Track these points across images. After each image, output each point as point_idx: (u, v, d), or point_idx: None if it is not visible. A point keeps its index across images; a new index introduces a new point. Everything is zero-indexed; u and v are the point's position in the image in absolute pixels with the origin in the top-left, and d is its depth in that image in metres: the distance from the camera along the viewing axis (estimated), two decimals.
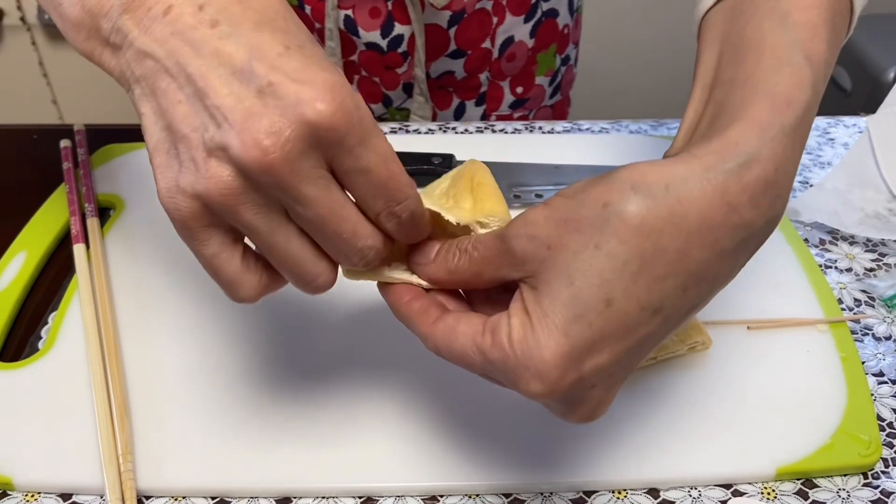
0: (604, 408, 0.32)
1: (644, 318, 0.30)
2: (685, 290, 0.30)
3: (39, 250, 0.56)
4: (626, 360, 0.31)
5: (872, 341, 0.50)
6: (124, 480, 0.41)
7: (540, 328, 0.30)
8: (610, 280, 0.29)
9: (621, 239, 0.29)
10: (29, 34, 1.43)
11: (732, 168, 0.29)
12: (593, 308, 0.29)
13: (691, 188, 0.29)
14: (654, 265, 0.29)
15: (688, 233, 0.29)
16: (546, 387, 0.30)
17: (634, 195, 0.29)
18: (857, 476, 0.43)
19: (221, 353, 0.48)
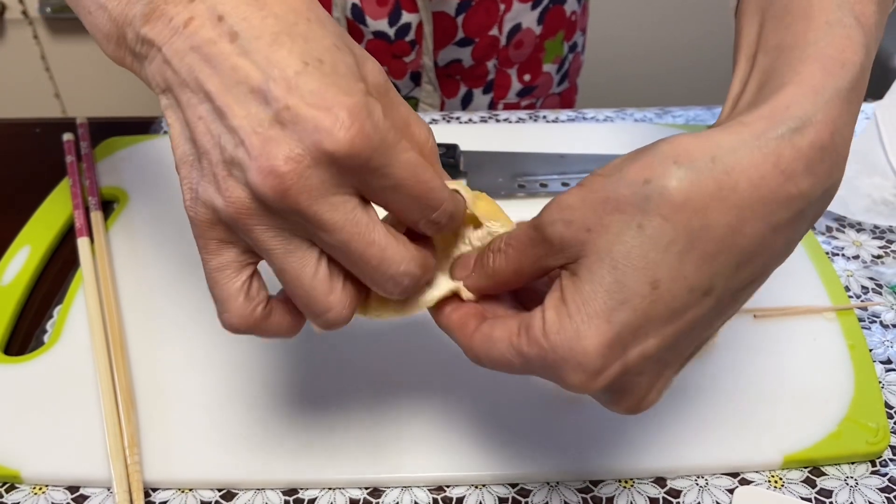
0: (654, 396, 0.31)
1: (693, 300, 0.28)
2: (738, 267, 0.28)
3: (43, 244, 0.56)
4: (676, 345, 0.29)
5: (880, 329, 0.50)
6: (131, 473, 0.41)
7: (579, 316, 0.28)
8: (655, 261, 0.27)
9: (665, 217, 0.27)
10: (31, 28, 1.42)
11: (784, 133, 0.27)
12: (638, 292, 0.27)
13: (740, 158, 0.27)
14: (703, 243, 0.27)
15: (738, 206, 0.27)
16: (588, 378, 0.28)
17: (678, 169, 0.27)
18: (865, 464, 0.42)
19: (227, 345, 0.48)
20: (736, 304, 0.30)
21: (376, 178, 0.29)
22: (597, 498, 0.41)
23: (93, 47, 1.51)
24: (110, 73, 1.46)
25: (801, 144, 0.27)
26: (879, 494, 0.41)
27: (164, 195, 0.59)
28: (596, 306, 0.28)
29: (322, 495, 0.41)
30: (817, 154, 0.27)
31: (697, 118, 0.69)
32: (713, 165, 0.27)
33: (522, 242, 0.31)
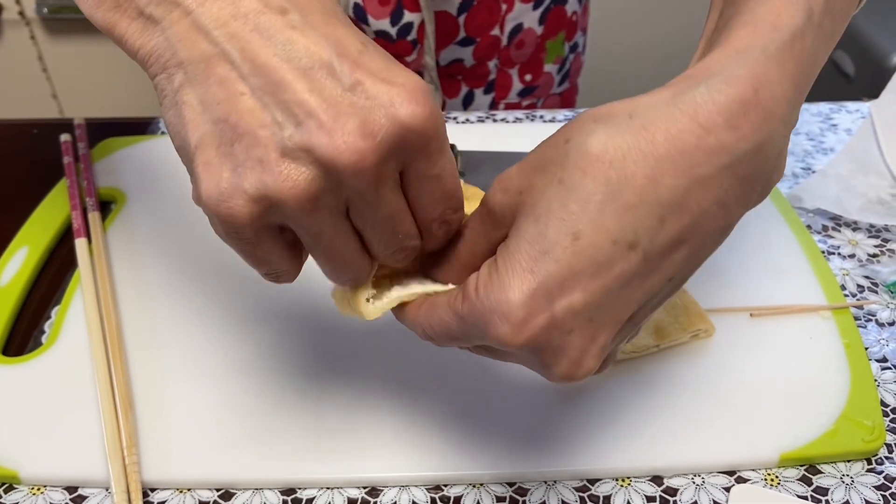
0: (590, 361, 0.30)
1: (618, 253, 0.28)
2: (662, 221, 0.28)
3: (41, 245, 0.56)
4: (607, 304, 0.28)
5: (876, 327, 0.50)
6: (129, 473, 0.41)
7: (504, 269, 0.29)
8: (575, 212, 0.28)
9: (583, 169, 0.28)
10: (28, 28, 1.42)
11: (703, 90, 0.28)
12: (559, 243, 0.28)
13: (659, 113, 0.28)
14: (622, 194, 0.27)
15: (656, 158, 0.27)
16: (514, 328, 0.28)
17: (595, 126, 0.28)
18: (861, 462, 0.43)
19: (224, 345, 0.48)
20: (668, 263, 0.29)
21: (428, 164, 0.29)
22: (594, 496, 0.41)
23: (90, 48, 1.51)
24: (108, 74, 1.46)
25: (720, 99, 0.27)
26: (875, 492, 0.41)
27: (161, 196, 0.59)
28: (519, 258, 0.28)
29: (320, 495, 0.41)
30: (738, 108, 0.27)
31: None
32: (630, 121, 0.28)
33: (473, 222, 0.32)
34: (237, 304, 0.51)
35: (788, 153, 0.65)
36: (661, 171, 0.27)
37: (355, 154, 0.27)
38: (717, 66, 0.28)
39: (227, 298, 0.51)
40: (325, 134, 0.26)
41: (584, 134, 0.28)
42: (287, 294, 0.51)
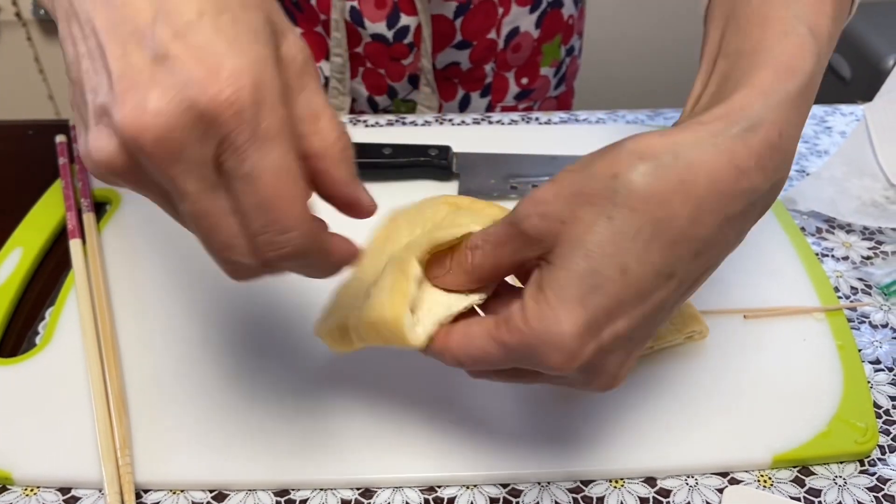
0: (624, 373, 0.33)
1: (659, 284, 0.30)
2: (697, 255, 0.30)
3: (36, 246, 0.56)
4: (644, 325, 0.31)
5: (869, 329, 0.50)
6: (122, 474, 0.41)
7: (556, 302, 0.30)
8: (624, 249, 0.29)
9: (633, 208, 0.29)
10: (24, 30, 1.42)
11: (738, 133, 0.30)
12: (609, 277, 0.29)
13: (699, 154, 0.29)
14: (667, 231, 0.29)
15: (698, 198, 0.29)
16: (567, 358, 0.30)
17: (643, 164, 0.29)
18: (854, 463, 0.43)
19: (218, 347, 0.48)
20: (694, 287, 0.32)
21: (234, 158, 0.27)
22: (587, 498, 0.41)
23: None
24: None
25: (753, 143, 0.30)
26: (868, 494, 0.41)
27: None
28: (572, 292, 0.30)
29: (313, 496, 0.41)
30: (767, 152, 0.30)
31: None
32: (675, 161, 0.29)
33: (500, 237, 0.33)
34: (231, 306, 0.51)
35: None
36: (701, 211, 0.29)
37: (138, 128, 0.26)
38: (749, 108, 0.30)
39: (221, 300, 0.51)
40: (117, 103, 0.26)
41: (631, 172, 0.29)
42: (281, 296, 0.51)
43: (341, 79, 0.75)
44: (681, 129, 0.30)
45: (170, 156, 0.26)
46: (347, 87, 0.76)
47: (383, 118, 0.70)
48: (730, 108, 0.30)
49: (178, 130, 0.26)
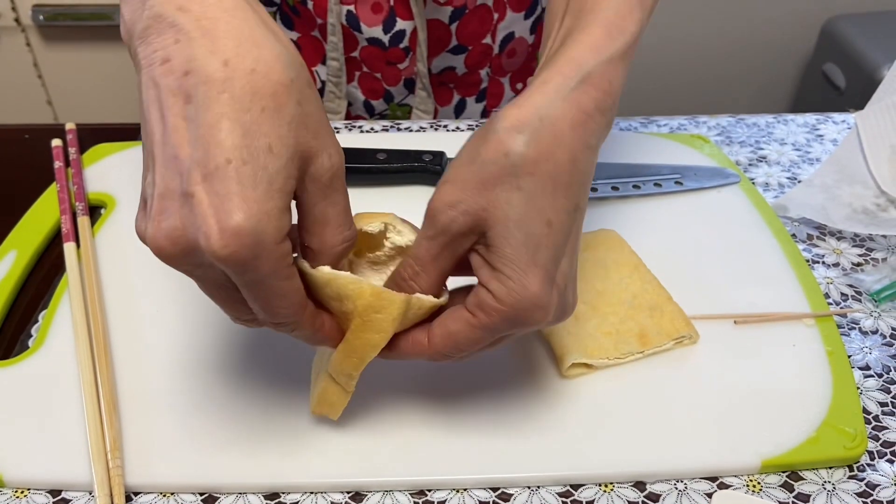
0: (573, 297, 0.38)
1: (572, 219, 0.36)
2: (582, 185, 0.37)
3: (30, 249, 0.56)
4: (574, 255, 0.37)
5: (859, 335, 0.51)
6: (112, 476, 0.41)
7: (516, 272, 0.35)
8: (541, 207, 0.35)
9: (531, 172, 0.35)
10: (23, 35, 1.43)
11: (576, 85, 0.36)
12: (542, 234, 0.35)
13: (555, 110, 0.35)
14: (561, 178, 0.35)
15: (569, 144, 0.35)
16: (545, 311, 0.35)
17: (521, 136, 0.35)
18: (843, 468, 0.43)
19: (209, 351, 0.48)
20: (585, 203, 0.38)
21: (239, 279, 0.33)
22: (577, 501, 0.41)
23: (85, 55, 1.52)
24: (102, 81, 1.47)
25: (590, 90, 0.36)
26: (857, 499, 0.41)
27: None
28: (524, 259, 0.35)
29: (304, 499, 0.41)
30: (601, 96, 0.36)
31: (681, 128, 0.70)
32: (542, 123, 0.35)
33: (433, 251, 0.37)
34: (221, 311, 0.51)
35: (775, 163, 0.66)
36: (574, 153, 0.35)
37: (157, 248, 0.32)
38: (582, 63, 0.37)
39: (212, 304, 0.51)
40: (146, 219, 0.32)
41: (517, 145, 0.35)
42: None
43: (337, 83, 0.76)
44: (532, 92, 0.36)
45: (177, 265, 0.33)
46: (343, 91, 0.76)
47: (378, 124, 0.70)
48: (566, 63, 0.36)
49: (186, 256, 0.32)
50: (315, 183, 0.34)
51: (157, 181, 0.31)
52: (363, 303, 0.36)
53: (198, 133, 0.31)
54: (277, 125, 0.31)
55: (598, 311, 0.49)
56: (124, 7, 0.34)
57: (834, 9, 1.66)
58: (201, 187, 0.30)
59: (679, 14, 1.61)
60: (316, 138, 0.33)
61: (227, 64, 0.31)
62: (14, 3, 1.38)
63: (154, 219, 0.32)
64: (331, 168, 0.34)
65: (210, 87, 0.31)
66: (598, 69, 0.37)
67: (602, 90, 0.37)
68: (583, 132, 0.36)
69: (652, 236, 0.56)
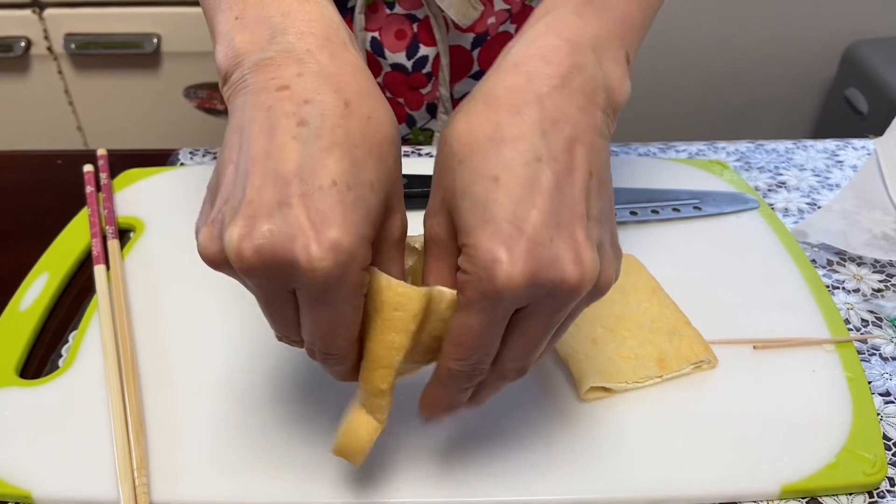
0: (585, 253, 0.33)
1: (533, 170, 0.33)
2: (545, 134, 0.33)
3: (61, 271, 0.57)
4: (557, 206, 0.33)
5: (880, 361, 0.51)
6: (139, 495, 0.42)
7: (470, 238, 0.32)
8: (482, 168, 0.33)
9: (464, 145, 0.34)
10: (55, 63, 1.46)
11: (518, 49, 0.36)
12: (489, 192, 0.32)
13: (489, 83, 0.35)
14: (503, 134, 0.33)
15: (508, 104, 0.34)
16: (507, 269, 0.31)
17: (453, 120, 0.35)
18: (862, 495, 0.43)
19: (236, 370, 0.49)
20: (576, 161, 0.34)
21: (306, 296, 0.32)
22: None
23: (115, 82, 1.55)
24: (131, 108, 1.50)
25: (531, 50, 0.35)
26: None
27: (179, 225, 0.61)
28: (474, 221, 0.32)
29: None
30: (550, 49, 0.35)
31: (700, 153, 0.71)
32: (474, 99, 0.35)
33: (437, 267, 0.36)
34: (248, 331, 0.52)
35: (794, 189, 0.66)
36: (517, 107, 0.34)
37: (236, 255, 0.31)
38: (525, 29, 0.36)
39: (239, 325, 0.52)
40: (233, 221, 0.31)
41: (450, 128, 0.35)
42: None
43: None
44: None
45: (250, 277, 0.32)
46: None
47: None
48: (512, 41, 0.36)
49: (270, 267, 0.31)
50: (385, 241, 0.35)
51: (249, 192, 0.31)
52: (381, 299, 0.34)
53: (307, 153, 0.31)
54: (379, 170, 0.33)
55: (617, 335, 0.49)
56: (237, 34, 0.35)
57: (856, 33, 1.66)
58: (301, 201, 0.31)
59: (699, 38, 1.62)
60: (396, 198, 0.36)
61: (347, 105, 0.33)
62: (47, 31, 1.41)
63: (239, 225, 0.31)
64: (401, 229, 0.36)
65: (327, 118, 0.32)
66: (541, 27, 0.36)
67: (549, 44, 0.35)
68: (520, 85, 0.34)
69: (670, 261, 0.57)
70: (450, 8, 0.67)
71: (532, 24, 0.37)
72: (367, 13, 0.70)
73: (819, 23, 1.66)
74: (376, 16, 0.70)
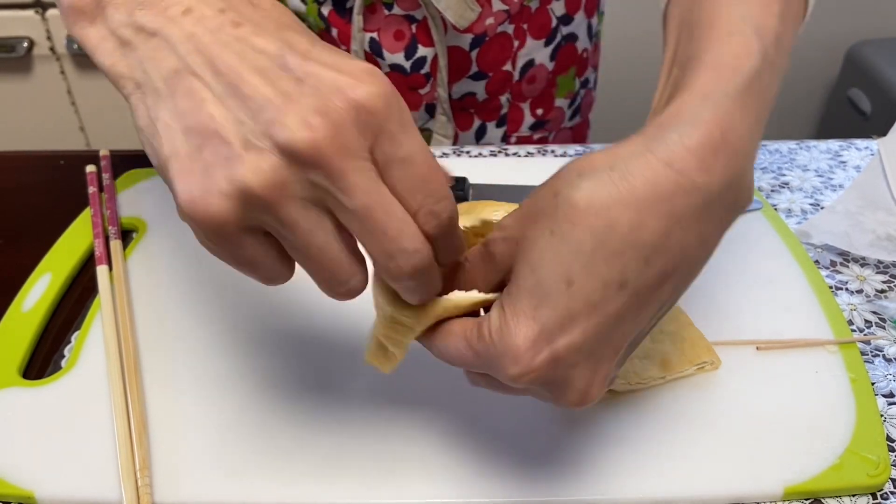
0: (595, 389, 0.33)
1: (610, 294, 0.30)
2: (647, 262, 0.30)
3: (64, 272, 0.57)
4: (605, 338, 0.31)
5: (883, 362, 0.50)
6: (141, 495, 0.42)
7: (511, 315, 0.31)
8: (567, 261, 0.30)
9: (572, 221, 0.30)
10: (58, 63, 1.46)
11: (674, 137, 0.30)
12: (555, 289, 0.30)
13: (636, 162, 0.30)
14: (609, 240, 0.29)
15: (637, 204, 0.29)
16: (522, 368, 0.31)
17: (580, 180, 0.30)
18: (866, 496, 0.43)
19: (237, 372, 0.49)
20: (657, 296, 0.31)
21: (392, 145, 0.29)
22: None
23: None
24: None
25: (690, 143, 0.29)
26: None
27: (181, 225, 0.60)
28: (522, 306, 0.31)
29: None
30: (709, 151, 0.29)
31: None
32: (611, 173, 0.30)
33: (475, 258, 0.35)
34: (251, 331, 0.52)
35: (797, 189, 0.66)
36: (641, 216, 0.29)
37: (309, 133, 0.28)
38: (685, 111, 0.30)
39: (242, 325, 0.52)
40: (279, 119, 0.28)
41: (570, 188, 0.30)
42: (302, 319, 0.52)
43: None
44: (622, 143, 0.31)
45: (342, 152, 0.28)
46: None
47: None
48: (668, 114, 0.31)
49: (344, 128, 0.28)
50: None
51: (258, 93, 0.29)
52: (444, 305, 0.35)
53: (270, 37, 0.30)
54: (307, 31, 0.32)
55: None
56: None
57: (859, 34, 1.66)
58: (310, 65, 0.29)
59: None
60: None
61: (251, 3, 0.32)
62: (49, 32, 1.42)
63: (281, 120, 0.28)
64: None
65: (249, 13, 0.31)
66: (703, 116, 0.30)
67: (710, 142, 0.29)
68: (665, 195, 0.29)
69: None
70: (447, 10, 0.67)
71: (689, 101, 0.31)
72: (365, 14, 0.70)
73: (822, 23, 1.66)
74: (375, 16, 0.70)
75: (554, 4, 0.74)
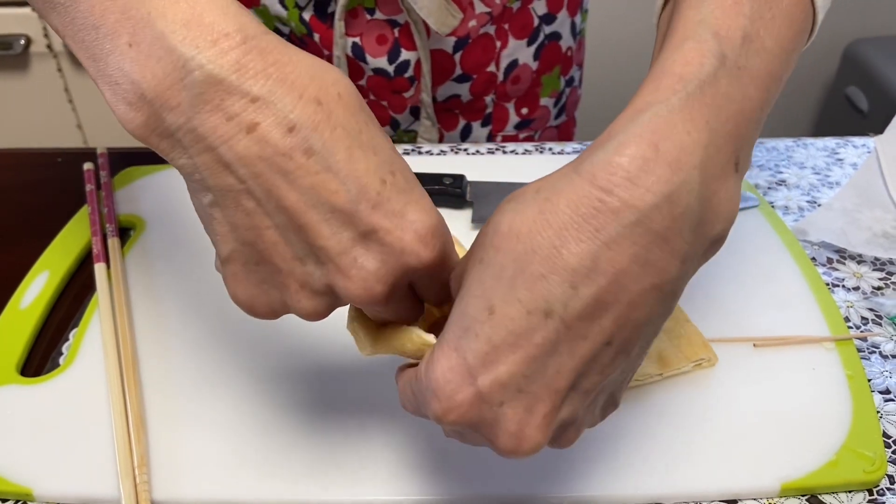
0: (531, 432, 0.29)
1: (535, 323, 0.28)
2: (574, 287, 0.27)
3: (61, 269, 0.57)
4: (535, 373, 0.28)
5: (879, 359, 0.51)
6: (139, 492, 0.42)
7: (437, 349, 0.30)
8: (490, 288, 0.28)
9: (496, 247, 0.29)
10: (55, 61, 1.46)
11: (600, 155, 0.28)
12: (477, 318, 0.29)
13: (561, 184, 0.28)
14: (530, 265, 0.28)
15: (559, 227, 0.27)
16: (443, 405, 0.29)
17: (507, 205, 0.30)
18: (862, 492, 0.43)
19: (235, 369, 0.49)
20: (595, 330, 0.28)
21: (432, 282, 0.33)
22: None
23: None
24: None
25: (619, 160, 0.27)
26: None
27: (179, 223, 0.61)
28: (448, 337, 0.30)
29: None
30: (638, 165, 0.27)
31: None
32: (536, 195, 0.29)
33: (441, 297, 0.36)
34: (249, 328, 0.52)
35: (794, 187, 0.66)
36: (565, 239, 0.27)
37: (369, 294, 0.30)
38: (616, 128, 0.29)
39: (240, 322, 0.52)
40: (342, 277, 0.30)
41: (498, 213, 0.30)
42: (298, 324, 0.52)
43: None
44: (555, 171, 0.30)
45: (387, 300, 0.31)
46: None
47: (399, 147, 0.72)
48: (600, 138, 0.29)
49: (397, 288, 0.31)
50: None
51: (326, 244, 0.29)
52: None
53: (342, 176, 0.29)
54: (376, 125, 0.32)
55: None
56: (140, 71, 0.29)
57: (856, 32, 1.66)
58: (378, 217, 0.29)
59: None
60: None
61: (319, 102, 0.29)
62: (46, 29, 1.41)
63: (344, 275, 0.30)
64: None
65: (321, 127, 0.29)
66: (634, 132, 0.28)
67: (640, 157, 0.27)
68: (590, 214, 0.27)
69: None
70: (429, 16, 0.67)
71: (627, 121, 0.29)
72: (347, 19, 0.70)
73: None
74: (356, 21, 0.70)
75: (536, 4, 0.74)
